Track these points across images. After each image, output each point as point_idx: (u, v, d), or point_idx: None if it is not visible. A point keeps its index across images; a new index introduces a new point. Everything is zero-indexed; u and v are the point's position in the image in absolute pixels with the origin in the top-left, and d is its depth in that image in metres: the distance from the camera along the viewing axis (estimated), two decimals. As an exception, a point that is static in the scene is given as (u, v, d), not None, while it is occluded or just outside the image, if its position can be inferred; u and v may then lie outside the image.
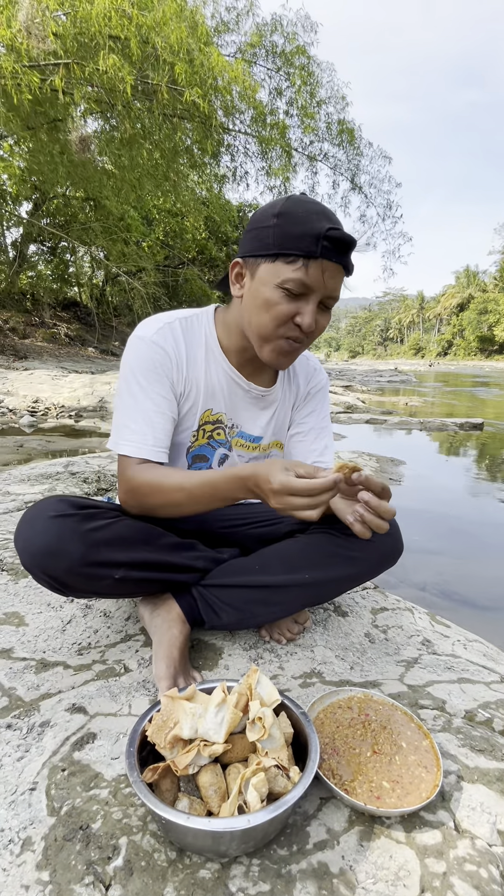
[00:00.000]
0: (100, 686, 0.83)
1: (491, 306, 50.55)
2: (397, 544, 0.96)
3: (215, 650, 0.96)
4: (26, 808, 0.61)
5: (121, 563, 0.82)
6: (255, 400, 0.99)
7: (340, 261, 0.79)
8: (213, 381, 0.93)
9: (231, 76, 6.74)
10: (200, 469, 1.00)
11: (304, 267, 0.77)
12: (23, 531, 0.78)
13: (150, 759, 0.61)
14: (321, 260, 0.77)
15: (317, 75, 8.61)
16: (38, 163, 8.28)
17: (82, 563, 0.77)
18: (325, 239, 0.75)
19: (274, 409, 1.02)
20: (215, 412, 0.96)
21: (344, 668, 0.92)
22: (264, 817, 0.51)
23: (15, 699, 0.80)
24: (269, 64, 8.49)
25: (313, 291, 0.79)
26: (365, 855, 0.56)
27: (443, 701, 0.84)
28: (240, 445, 1.01)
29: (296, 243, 0.76)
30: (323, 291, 0.80)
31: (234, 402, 0.97)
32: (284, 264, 0.78)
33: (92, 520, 0.80)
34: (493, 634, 1.19)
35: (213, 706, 0.60)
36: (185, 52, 6.08)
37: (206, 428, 0.97)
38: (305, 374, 1.06)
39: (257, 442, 1.03)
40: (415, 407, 7.97)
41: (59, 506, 0.80)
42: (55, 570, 0.77)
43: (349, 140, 9.34)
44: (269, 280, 0.80)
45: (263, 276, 0.81)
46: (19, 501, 1.81)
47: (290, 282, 0.78)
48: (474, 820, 0.61)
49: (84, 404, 5.97)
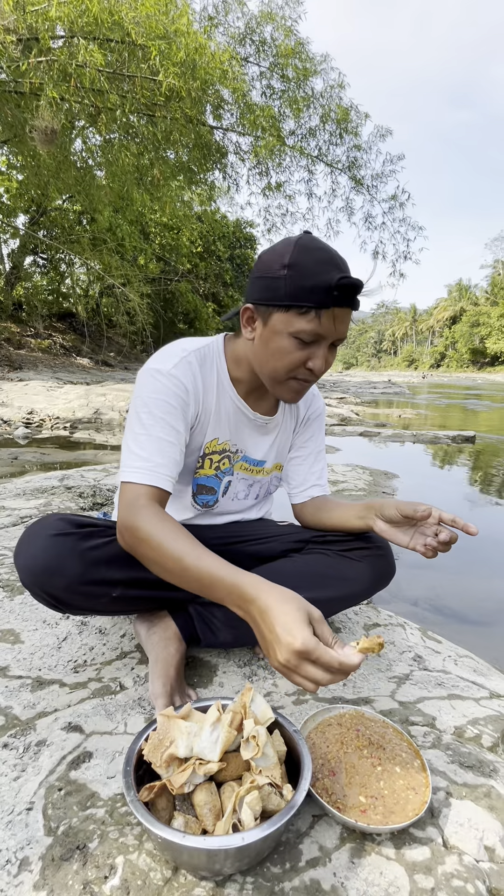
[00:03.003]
0: (96, 704, 0.84)
1: (483, 319, 51.31)
2: (390, 567, 0.99)
3: (210, 667, 0.98)
4: (23, 827, 0.61)
5: (118, 581, 0.83)
6: (259, 427, 1.01)
7: (351, 305, 0.81)
8: (221, 411, 0.95)
9: (209, 57, 6.28)
10: (206, 501, 1.02)
11: (316, 318, 0.78)
12: (22, 550, 0.80)
13: (146, 778, 0.62)
14: (333, 308, 0.78)
15: (305, 54, 7.76)
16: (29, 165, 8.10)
17: (80, 581, 0.79)
18: (336, 289, 0.76)
19: (276, 433, 1.05)
20: (221, 441, 0.97)
21: (336, 685, 0.94)
22: (258, 835, 0.52)
23: (11, 718, 0.81)
24: (255, 51, 7.78)
25: (325, 338, 0.82)
26: (356, 872, 0.57)
27: (433, 717, 0.85)
28: (243, 469, 1.03)
29: (308, 296, 0.77)
30: (334, 336, 0.83)
31: (240, 430, 0.99)
32: (297, 315, 0.79)
33: (90, 538, 0.82)
34: (483, 649, 1.21)
35: (209, 725, 0.61)
36: (160, 32, 5.68)
37: (213, 458, 0.98)
38: (305, 399, 1.09)
39: (260, 466, 1.05)
40: (408, 419, 8.05)
41: (58, 524, 0.81)
42: (54, 589, 0.79)
43: (343, 119, 8.32)
44: (282, 329, 0.81)
45: (276, 325, 0.82)
46: (15, 516, 1.82)
47: (303, 333, 0.80)
48: (462, 836, 0.62)
49: (79, 416, 5.98)
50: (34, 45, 5.70)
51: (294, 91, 8.05)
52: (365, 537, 0.99)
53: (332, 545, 1.00)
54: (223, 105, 7.60)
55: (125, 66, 6.09)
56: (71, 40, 5.74)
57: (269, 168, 8.70)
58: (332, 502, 1.05)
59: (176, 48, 5.90)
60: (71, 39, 5.74)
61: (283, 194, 9.35)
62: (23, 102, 6.43)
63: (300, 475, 1.08)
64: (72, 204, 13.05)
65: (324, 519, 1.03)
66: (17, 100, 6.46)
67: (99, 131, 7.37)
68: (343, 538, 1.00)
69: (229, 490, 1.04)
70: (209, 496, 1.01)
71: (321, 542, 1.02)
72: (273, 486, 1.14)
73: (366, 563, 0.96)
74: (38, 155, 7.04)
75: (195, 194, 11.36)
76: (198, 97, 6.62)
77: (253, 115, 7.49)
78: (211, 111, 7.63)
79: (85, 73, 5.70)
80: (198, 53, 6.23)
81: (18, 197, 11.10)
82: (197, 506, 1.02)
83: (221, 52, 6.63)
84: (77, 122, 7.66)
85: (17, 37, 5.49)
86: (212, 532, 1.06)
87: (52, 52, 5.79)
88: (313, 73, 7.96)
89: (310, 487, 1.07)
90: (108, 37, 5.80)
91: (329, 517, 1.02)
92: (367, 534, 0.99)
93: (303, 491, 1.08)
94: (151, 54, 5.72)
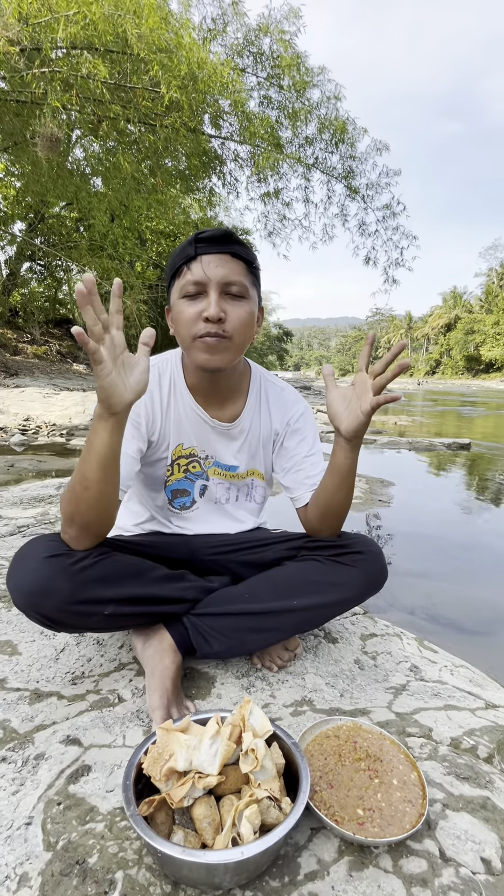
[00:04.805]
0: (94, 717, 0.85)
1: (477, 327, 51.72)
2: (382, 572, 0.99)
3: (208, 679, 0.98)
4: (22, 843, 0.61)
5: (110, 599, 0.84)
6: (223, 433, 1.04)
7: (221, 250, 0.88)
8: (180, 417, 1.00)
9: (210, 68, 6.36)
10: (183, 503, 1.07)
11: (188, 270, 0.88)
12: (14, 571, 0.81)
13: (146, 791, 0.63)
14: (199, 257, 0.88)
15: (303, 66, 7.76)
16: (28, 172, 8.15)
17: (71, 601, 0.80)
18: (197, 242, 0.88)
19: (243, 439, 1.06)
20: (186, 446, 1.02)
21: (334, 696, 0.94)
22: (257, 849, 0.53)
23: (9, 731, 0.81)
24: (253, 63, 7.79)
25: (205, 284, 0.88)
26: (354, 885, 0.58)
27: (429, 728, 0.86)
28: (217, 474, 1.07)
29: (178, 258, 0.90)
30: (216, 280, 0.88)
31: (204, 436, 1.03)
32: (178, 280, 0.91)
33: (81, 558, 0.82)
34: (478, 659, 1.22)
35: (208, 738, 0.62)
36: (163, 46, 5.77)
37: (181, 462, 1.03)
38: (280, 406, 1.09)
39: (234, 471, 1.08)
40: (403, 426, 8.09)
41: (49, 546, 0.82)
42: (45, 609, 0.80)
43: (339, 132, 8.36)
44: (175, 298, 0.92)
45: (172, 300, 0.94)
46: (12, 526, 1.82)
47: (184, 287, 0.89)
48: (458, 848, 0.63)
49: (75, 423, 5.97)
50: (36, 56, 5.75)
51: (292, 101, 8.17)
52: (357, 543, 0.99)
53: (325, 551, 1.00)
54: (222, 116, 7.69)
55: (127, 79, 6.17)
56: (73, 51, 5.80)
57: (267, 176, 8.82)
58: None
59: (178, 62, 5.99)
60: (72, 50, 5.80)
61: (282, 202, 9.45)
62: (24, 111, 6.47)
63: (300, 481, 1.06)
64: (69, 211, 13.09)
65: (320, 502, 1.00)
66: (18, 108, 6.50)
67: (100, 140, 7.44)
68: (335, 544, 1.00)
69: (207, 493, 1.07)
70: (184, 498, 1.06)
71: (313, 548, 1.02)
72: (258, 493, 1.14)
73: (358, 568, 0.96)
74: (37, 162, 7.08)
75: (194, 201, 11.43)
76: (198, 108, 6.72)
77: (252, 126, 7.59)
78: (210, 120, 7.72)
79: (88, 84, 5.78)
80: (199, 67, 6.32)
81: (16, 203, 11.14)
82: (174, 509, 1.07)
83: (222, 66, 6.71)
84: (77, 130, 7.73)
85: (20, 47, 5.54)
86: (205, 541, 1.07)
87: (54, 62, 5.85)
88: (311, 84, 8.08)
89: (307, 491, 1.05)
90: (111, 48, 5.87)
91: (322, 492, 0.99)
92: (360, 539, 1.00)
93: (301, 494, 1.06)
94: (153, 68, 5.81)
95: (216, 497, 1.08)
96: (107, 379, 0.72)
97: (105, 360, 0.71)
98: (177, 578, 0.96)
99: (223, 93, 7.02)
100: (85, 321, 0.70)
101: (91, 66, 5.55)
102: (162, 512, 1.08)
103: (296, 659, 1.06)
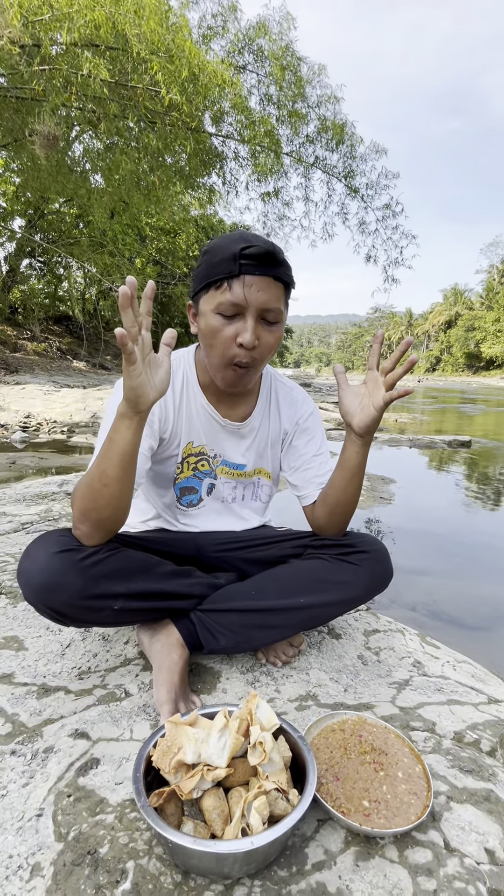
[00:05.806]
0: (101, 711, 0.86)
1: (478, 324, 51.65)
2: (387, 571, 1.00)
3: (213, 674, 0.99)
4: (34, 833, 0.63)
5: (119, 594, 0.85)
6: (233, 432, 1.05)
7: (265, 273, 0.84)
8: (192, 416, 1.00)
9: (210, 71, 6.34)
10: (190, 501, 1.08)
11: (228, 288, 0.84)
12: (25, 566, 0.82)
13: (154, 784, 0.64)
14: (243, 276, 0.84)
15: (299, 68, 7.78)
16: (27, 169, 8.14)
17: (81, 596, 0.81)
18: (241, 257, 0.83)
19: (252, 438, 1.07)
20: (196, 445, 1.03)
21: (338, 691, 0.95)
22: (267, 839, 0.54)
23: (18, 725, 0.82)
24: (253, 61, 7.76)
25: (245, 308, 0.85)
26: (361, 875, 0.59)
27: (433, 723, 0.87)
28: (225, 473, 1.07)
29: (218, 269, 0.85)
30: (255, 306, 0.85)
31: (214, 434, 1.03)
32: (214, 291, 0.86)
33: (92, 553, 0.83)
34: (480, 654, 1.23)
35: (216, 731, 0.63)
36: (163, 47, 5.76)
37: (190, 461, 1.03)
38: (289, 405, 1.10)
39: (241, 469, 1.08)
40: (404, 423, 8.09)
41: (60, 540, 0.83)
42: (55, 604, 0.80)
43: (337, 135, 8.40)
44: (207, 309, 0.88)
45: (203, 308, 0.89)
46: (16, 522, 1.83)
47: (221, 305, 0.85)
48: (463, 839, 0.64)
49: (76, 419, 5.98)
50: (35, 53, 5.73)
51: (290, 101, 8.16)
52: (363, 542, 1.00)
53: (331, 549, 1.00)
54: (223, 116, 7.69)
55: (128, 78, 6.16)
56: (72, 48, 5.78)
57: (267, 176, 8.82)
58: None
59: (179, 64, 5.99)
60: (72, 48, 5.77)
61: (282, 201, 9.43)
62: (23, 108, 6.45)
63: (308, 480, 1.07)
64: (69, 207, 13.06)
65: (329, 499, 1.00)
66: (17, 105, 6.48)
67: (100, 138, 7.43)
68: (341, 543, 1.01)
69: (214, 491, 1.08)
70: (192, 496, 1.07)
71: (319, 546, 1.03)
72: (264, 492, 1.15)
73: (364, 567, 0.97)
74: (36, 158, 7.07)
75: (194, 198, 11.42)
76: (197, 107, 6.71)
77: (253, 127, 7.62)
78: (211, 119, 7.71)
79: (88, 82, 5.76)
80: (199, 69, 6.32)
81: (16, 200, 11.11)
82: (182, 506, 1.08)
83: (223, 70, 6.71)
84: (77, 127, 7.71)
85: (19, 46, 5.52)
86: (212, 538, 1.08)
87: (53, 60, 5.84)
88: (308, 83, 8.07)
89: (315, 489, 1.06)
90: (111, 45, 5.85)
91: (331, 489, 1.00)
92: (365, 539, 1.01)
93: (309, 492, 1.07)
94: (153, 69, 5.81)
95: (223, 496, 1.09)
96: (137, 379, 0.73)
97: (138, 361, 0.72)
98: (184, 574, 0.97)
99: (222, 94, 7.05)
100: (124, 322, 0.70)
101: (92, 67, 5.55)
102: (169, 509, 1.09)
103: (300, 654, 1.07)
